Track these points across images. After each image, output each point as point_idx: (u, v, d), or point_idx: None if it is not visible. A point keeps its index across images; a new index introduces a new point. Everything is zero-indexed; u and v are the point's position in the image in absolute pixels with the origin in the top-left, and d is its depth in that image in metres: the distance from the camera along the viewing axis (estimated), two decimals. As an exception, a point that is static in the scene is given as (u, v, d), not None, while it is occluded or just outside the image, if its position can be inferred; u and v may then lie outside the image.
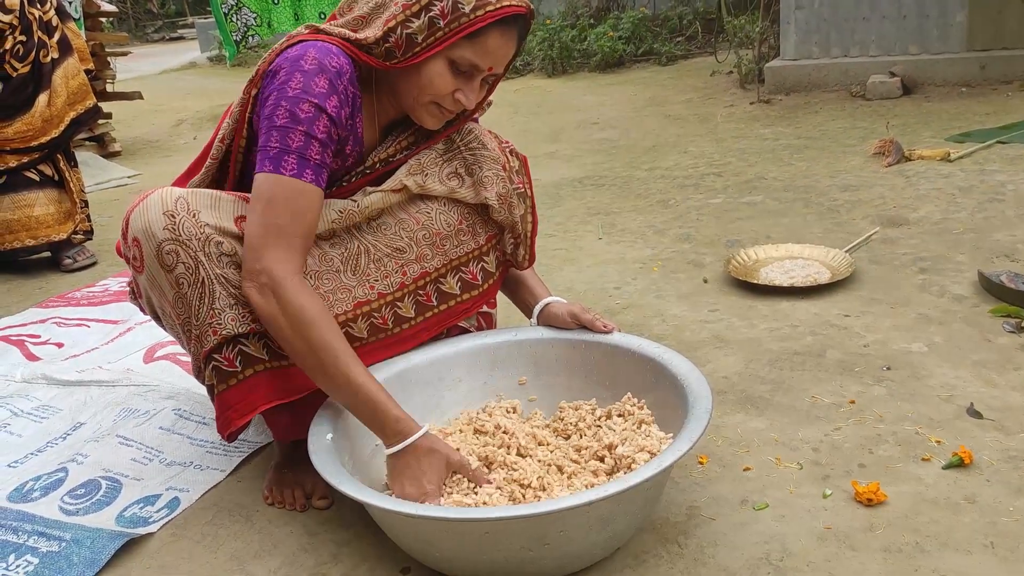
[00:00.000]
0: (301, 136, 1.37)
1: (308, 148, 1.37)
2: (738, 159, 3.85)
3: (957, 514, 1.37)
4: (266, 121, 1.38)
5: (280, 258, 1.36)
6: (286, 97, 1.37)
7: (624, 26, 7.36)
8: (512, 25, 1.43)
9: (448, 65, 1.43)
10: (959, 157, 3.42)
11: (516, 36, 1.46)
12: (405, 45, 1.41)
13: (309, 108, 1.37)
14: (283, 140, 1.36)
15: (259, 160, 1.38)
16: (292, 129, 1.36)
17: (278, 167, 1.36)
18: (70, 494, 1.63)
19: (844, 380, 1.83)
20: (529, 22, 1.47)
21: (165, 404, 1.94)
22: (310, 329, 1.35)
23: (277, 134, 1.37)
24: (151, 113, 7.14)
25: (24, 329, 2.55)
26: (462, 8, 1.38)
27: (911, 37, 4.97)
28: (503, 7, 1.39)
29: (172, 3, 17.89)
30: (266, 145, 1.38)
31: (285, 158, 1.36)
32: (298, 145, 1.37)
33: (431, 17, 1.38)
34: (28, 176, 3.07)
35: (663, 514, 1.43)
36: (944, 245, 2.55)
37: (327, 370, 1.37)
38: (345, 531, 1.47)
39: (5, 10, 2.90)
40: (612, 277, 2.58)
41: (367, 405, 1.36)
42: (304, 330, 1.35)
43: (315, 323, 1.35)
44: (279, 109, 1.37)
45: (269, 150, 1.37)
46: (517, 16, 1.42)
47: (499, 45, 1.43)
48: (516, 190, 1.63)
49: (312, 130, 1.37)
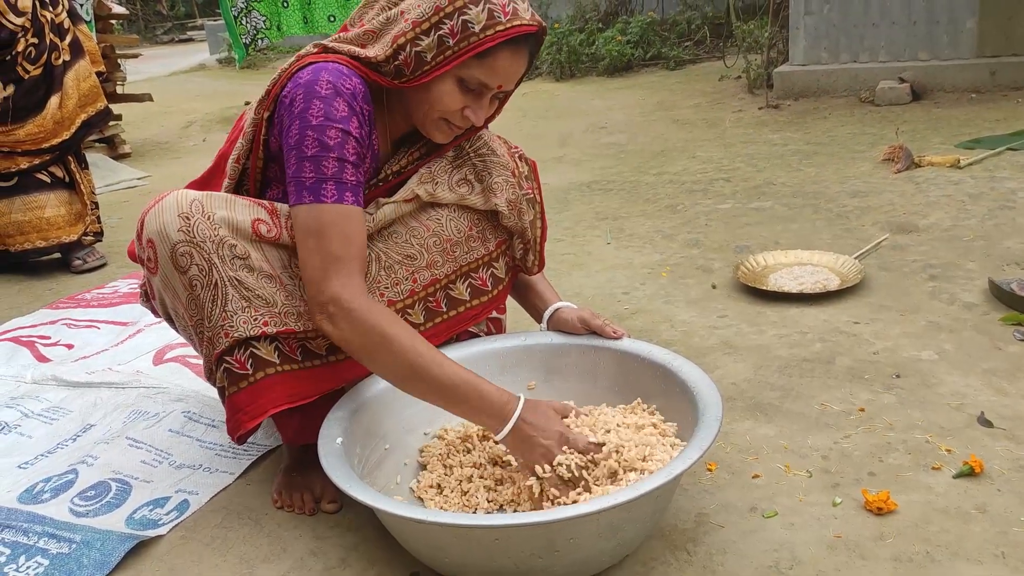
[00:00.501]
0: (334, 162, 1.36)
1: (343, 172, 1.37)
2: (747, 164, 3.85)
3: (968, 523, 1.36)
4: (294, 152, 1.37)
5: (343, 284, 1.36)
6: (311, 126, 1.36)
7: (632, 30, 7.37)
8: (522, 44, 1.42)
9: (457, 83, 1.42)
10: (969, 164, 3.41)
11: (527, 54, 1.45)
12: (414, 63, 1.40)
13: (336, 133, 1.36)
14: (317, 169, 1.36)
15: (294, 192, 1.37)
16: (324, 156, 1.36)
17: (319, 196, 1.36)
18: (80, 496, 1.64)
19: (854, 387, 1.82)
20: (541, 39, 1.46)
21: (174, 406, 1.95)
22: (389, 341, 1.35)
23: (310, 164, 1.36)
24: (160, 115, 7.17)
25: (34, 330, 2.56)
26: (472, 27, 1.37)
27: (921, 43, 4.96)
28: (513, 27, 1.38)
29: (181, 5, 17.96)
30: (299, 176, 1.37)
31: (324, 186, 1.36)
32: (333, 171, 1.36)
33: (440, 36, 1.38)
34: (39, 178, 3.08)
35: (672, 521, 1.43)
36: (954, 252, 2.54)
37: (416, 374, 1.36)
38: (354, 535, 1.47)
39: (18, 13, 2.92)
40: (621, 282, 2.58)
41: (472, 395, 1.36)
42: (385, 343, 1.35)
43: (393, 334, 1.36)
44: (306, 139, 1.36)
45: (305, 181, 1.36)
46: (528, 35, 1.41)
47: (509, 64, 1.42)
48: (525, 196, 1.63)
49: (343, 154, 1.37)
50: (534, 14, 1.42)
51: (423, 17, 1.38)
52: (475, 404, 1.36)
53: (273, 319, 1.44)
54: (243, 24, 5.91)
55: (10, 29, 2.91)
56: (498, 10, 1.37)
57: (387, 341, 1.35)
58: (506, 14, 1.37)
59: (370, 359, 1.39)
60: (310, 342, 1.49)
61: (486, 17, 1.36)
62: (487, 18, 1.36)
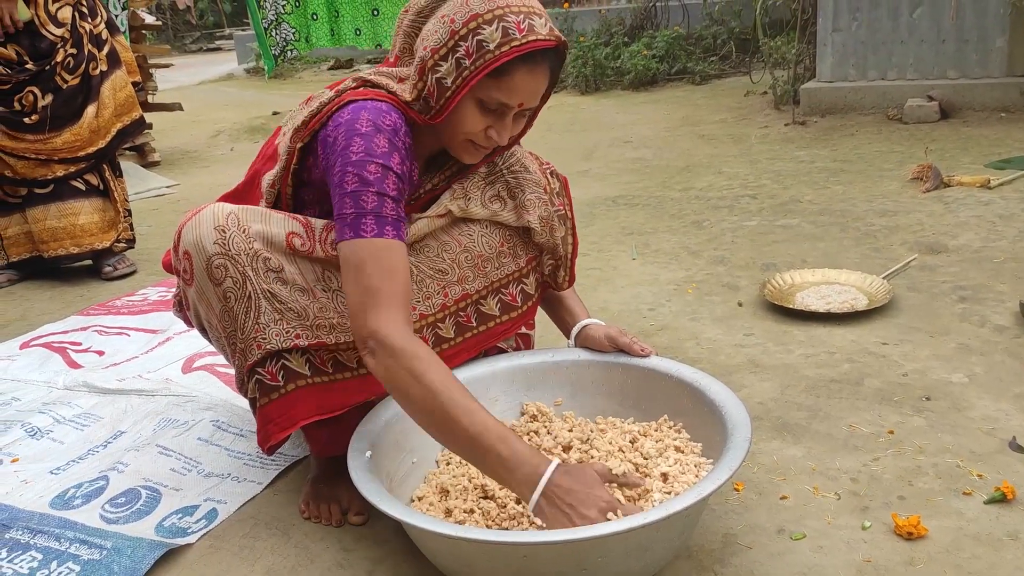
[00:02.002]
0: (374, 197, 1.36)
1: (383, 207, 1.36)
2: (773, 181, 3.84)
3: (999, 551, 1.35)
4: (337, 189, 1.37)
5: (383, 318, 1.32)
6: (351, 163, 1.36)
7: (658, 44, 7.37)
8: (540, 60, 1.39)
9: (477, 105, 1.41)
10: (999, 184, 3.38)
11: (546, 70, 1.42)
12: (437, 91, 1.40)
13: (376, 169, 1.36)
14: (357, 204, 1.35)
15: (338, 229, 1.37)
16: (364, 192, 1.35)
17: (358, 231, 1.35)
18: (111, 502, 1.66)
19: (882, 410, 1.81)
20: (563, 53, 1.44)
21: (204, 415, 1.97)
22: (420, 380, 1.29)
23: (350, 200, 1.36)
24: (189, 124, 7.25)
25: (66, 336, 2.60)
26: (486, 46, 1.35)
27: (950, 61, 4.93)
28: (528, 43, 1.36)
29: (210, 15, 18.18)
30: (341, 212, 1.36)
31: (363, 220, 1.35)
32: (373, 206, 1.36)
33: (457, 58, 1.37)
34: (74, 185, 3.13)
35: (699, 541, 1.42)
36: (984, 274, 2.52)
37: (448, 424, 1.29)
38: (380, 548, 1.48)
39: (57, 23, 2.98)
40: (646, 298, 2.58)
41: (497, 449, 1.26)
42: (417, 388, 1.30)
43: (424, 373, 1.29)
44: (347, 176, 1.36)
45: (346, 217, 1.36)
46: (546, 50, 1.39)
47: (526, 82, 1.40)
48: (557, 212, 1.64)
49: (383, 188, 1.36)
50: (552, 29, 1.40)
51: (440, 43, 1.39)
52: (501, 460, 1.25)
53: (305, 332, 1.45)
54: (273, 36, 5.98)
55: (50, 40, 2.97)
56: (512, 28, 1.35)
57: (418, 384, 1.29)
58: (521, 31, 1.36)
59: (402, 399, 1.34)
60: (341, 354, 1.51)
61: (500, 35, 1.35)
62: (501, 36, 1.35)
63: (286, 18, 5.85)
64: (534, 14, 1.38)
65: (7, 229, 3.15)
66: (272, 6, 5.86)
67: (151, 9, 7.60)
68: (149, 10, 6.86)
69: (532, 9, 1.39)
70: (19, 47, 2.93)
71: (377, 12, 5.84)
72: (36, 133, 2.99)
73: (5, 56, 2.91)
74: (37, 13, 2.94)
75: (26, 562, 1.47)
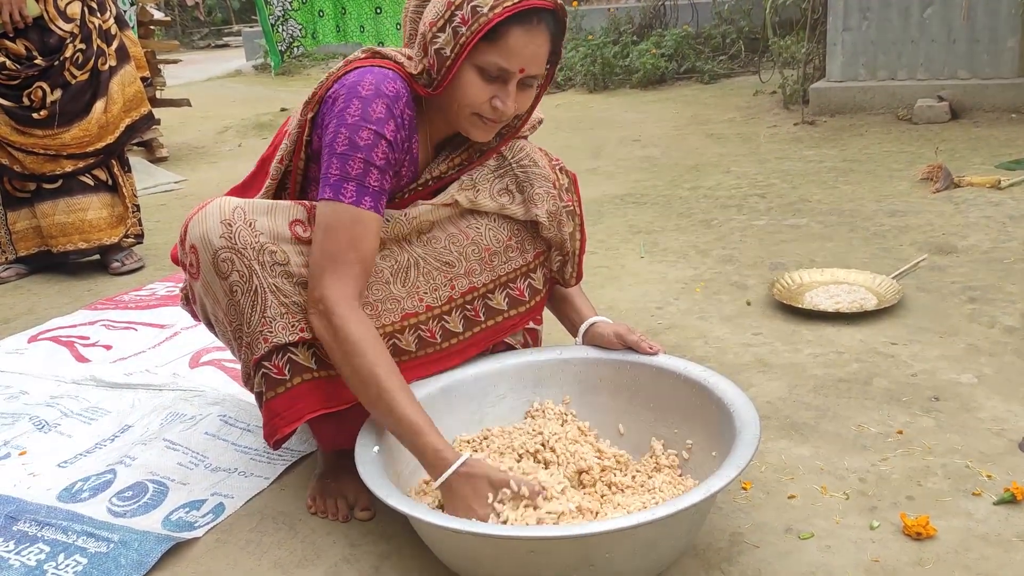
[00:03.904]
0: (360, 163, 1.38)
1: (367, 175, 1.39)
2: (782, 180, 3.83)
3: (1009, 552, 1.34)
4: (327, 148, 1.40)
5: (335, 285, 1.38)
6: (345, 124, 1.39)
7: (667, 43, 7.35)
8: (536, 22, 1.38)
9: (477, 73, 1.41)
10: (1010, 185, 3.36)
11: (544, 32, 1.41)
12: (437, 63, 1.41)
13: (368, 135, 1.38)
14: (343, 167, 1.38)
15: (320, 187, 1.41)
16: (351, 156, 1.38)
17: (338, 194, 1.39)
18: (118, 496, 1.66)
19: (891, 410, 1.80)
20: (560, 18, 1.42)
21: (211, 409, 1.97)
22: (355, 357, 1.37)
23: (337, 161, 1.39)
24: (197, 119, 7.26)
25: (74, 331, 2.61)
26: (480, 10, 1.35)
27: (960, 61, 4.91)
28: (521, 2, 1.35)
29: (219, 11, 18.20)
30: (327, 172, 1.40)
31: (345, 185, 1.38)
32: (357, 172, 1.39)
33: (454, 27, 1.37)
34: (83, 181, 3.14)
35: (706, 539, 1.42)
36: (994, 275, 2.50)
37: (370, 396, 1.39)
38: (387, 543, 1.48)
39: (67, 19, 2.98)
40: (654, 296, 2.57)
41: (408, 435, 1.36)
42: (351, 358, 1.38)
43: (361, 351, 1.37)
44: (339, 136, 1.39)
45: (330, 177, 1.40)
46: (542, 11, 1.38)
47: (523, 43, 1.38)
48: (566, 208, 1.64)
49: (371, 157, 1.39)
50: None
51: (439, 16, 1.39)
52: (411, 444, 1.36)
53: (311, 325, 1.45)
54: (280, 32, 5.99)
55: (59, 35, 2.97)
56: None
57: (352, 355, 1.37)
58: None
59: (336, 364, 1.41)
60: (348, 348, 1.51)
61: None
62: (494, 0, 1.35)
63: (293, 14, 5.86)
64: None
65: (16, 224, 3.16)
66: (280, 2, 5.87)
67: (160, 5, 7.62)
68: (158, 6, 6.87)
69: None
70: (28, 42, 2.94)
71: (380, 10, 5.86)
72: (44, 128, 2.99)
73: (14, 51, 2.92)
74: (46, 8, 2.95)
75: (33, 554, 1.48)
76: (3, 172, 3.07)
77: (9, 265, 3.23)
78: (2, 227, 3.18)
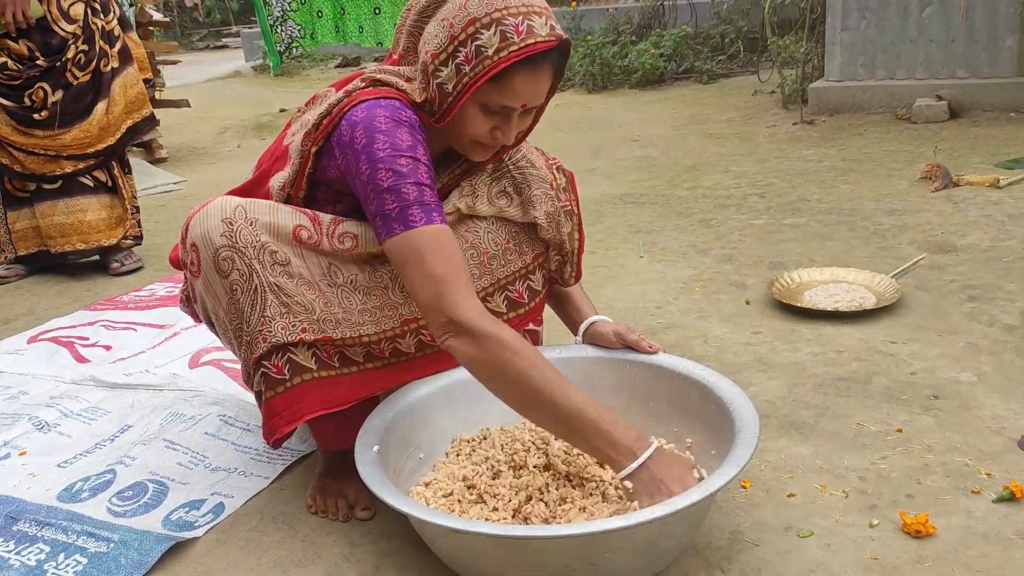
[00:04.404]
0: (413, 187, 1.36)
1: (423, 195, 1.37)
2: (781, 180, 3.83)
3: (1008, 550, 1.34)
4: (370, 188, 1.37)
5: (457, 303, 1.33)
6: (380, 159, 1.36)
7: (666, 43, 7.36)
8: (541, 61, 1.38)
9: (480, 108, 1.42)
10: (1008, 184, 3.36)
11: (548, 69, 1.41)
12: (439, 97, 1.41)
13: (407, 161, 1.37)
14: (399, 197, 1.35)
15: (383, 226, 1.37)
16: (402, 184, 1.36)
17: (408, 223, 1.35)
18: (118, 496, 1.66)
19: (891, 408, 1.80)
20: (564, 51, 1.43)
21: (211, 409, 1.97)
22: (518, 358, 1.32)
23: (390, 195, 1.35)
24: (196, 120, 7.26)
25: (73, 331, 2.61)
26: (485, 51, 1.35)
27: (959, 61, 4.91)
28: (527, 46, 1.35)
29: (217, 12, 18.20)
30: (383, 210, 1.36)
31: (410, 212, 1.35)
32: (415, 195, 1.36)
33: (457, 64, 1.37)
34: (83, 182, 3.13)
35: (706, 538, 1.42)
36: (993, 273, 2.51)
37: (542, 400, 1.33)
38: (387, 543, 1.48)
39: (69, 20, 2.98)
40: (654, 296, 2.57)
41: (594, 428, 1.31)
42: (514, 360, 1.32)
43: (521, 352, 1.33)
44: (379, 172, 1.36)
45: (391, 212, 1.35)
46: (548, 50, 1.38)
47: (527, 83, 1.39)
48: (563, 208, 1.64)
49: (419, 178, 1.37)
50: (553, 27, 1.39)
51: (440, 48, 1.39)
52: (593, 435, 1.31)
53: (311, 326, 1.45)
54: (278, 32, 5.99)
55: (61, 36, 2.97)
56: (511, 31, 1.35)
57: (518, 355, 1.32)
58: (519, 33, 1.35)
59: (497, 375, 1.35)
60: (347, 349, 1.51)
61: (499, 40, 1.34)
62: (499, 40, 1.34)
63: (292, 15, 5.86)
64: (533, 13, 1.37)
65: (15, 223, 3.16)
66: (279, 3, 5.88)
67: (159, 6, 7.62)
68: (157, 7, 6.88)
69: (531, 8, 1.37)
70: (31, 43, 2.94)
71: (379, 11, 5.87)
72: (45, 129, 2.99)
73: (16, 51, 2.92)
74: (49, 9, 2.95)
75: (33, 554, 1.48)
76: (3, 172, 3.07)
77: (10, 265, 3.24)
78: (2, 227, 3.18)
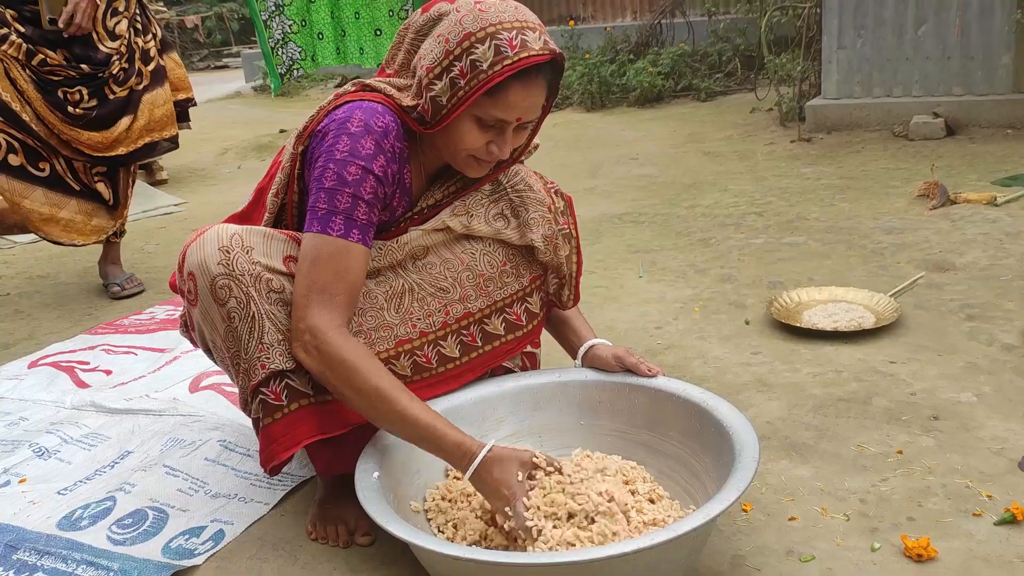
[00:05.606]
0: (348, 198, 1.40)
1: (355, 209, 1.41)
2: (779, 198, 3.84)
3: (1010, 573, 1.34)
4: (315, 183, 1.42)
5: (323, 314, 1.39)
6: (334, 160, 1.41)
7: (663, 62, 7.39)
8: (534, 75, 1.40)
9: (475, 122, 1.44)
10: (1006, 201, 3.37)
11: (543, 84, 1.43)
12: (432, 109, 1.43)
13: (356, 170, 1.40)
14: (331, 201, 1.40)
15: (308, 220, 1.42)
16: (340, 191, 1.40)
17: (325, 227, 1.40)
18: (118, 523, 1.66)
19: (891, 429, 1.80)
20: (559, 65, 1.45)
21: (211, 435, 1.97)
22: (354, 376, 1.38)
23: (325, 195, 1.40)
24: (197, 142, 7.28)
25: (74, 355, 2.61)
26: (480, 66, 1.37)
27: (955, 78, 4.94)
28: (521, 60, 1.37)
29: (218, 33, 18.31)
30: (315, 206, 1.42)
31: (332, 219, 1.40)
32: (345, 206, 1.40)
33: (452, 78, 1.39)
34: (66, 180, 3.07)
35: (707, 563, 1.42)
36: (992, 292, 2.51)
37: (380, 412, 1.40)
38: (387, 569, 1.48)
39: (113, 37, 3.00)
40: (653, 316, 2.58)
41: (428, 438, 1.38)
42: (351, 379, 1.38)
43: (358, 369, 1.38)
44: (327, 171, 1.41)
45: (317, 211, 1.41)
46: (542, 64, 1.40)
47: (521, 98, 1.41)
48: (562, 231, 1.65)
49: (359, 191, 1.41)
50: (547, 42, 1.41)
51: (435, 62, 1.41)
52: (433, 446, 1.39)
53: (309, 351, 1.45)
54: (279, 55, 6.02)
55: (105, 52, 2.98)
56: (505, 45, 1.37)
57: (351, 374, 1.38)
58: (513, 48, 1.37)
59: (336, 392, 1.42)
60: (344, 373, 1.51)
61: (493, 54, 1.37)
62: (494, 55, 1.37)
63: (293, 37, 5.89)
64: (527, 28, 1.39)
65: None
66: (279, 25, 5.91)
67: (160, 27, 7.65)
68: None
69: (525, 23, 1.39)
70: (68, 53, 2.93)
71: (380, 32, 5.90)
72: (69, 123, 2.95)
73: (52, 60, 2.89)
74: (95, 28, 2.96)
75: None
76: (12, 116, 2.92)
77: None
78: None
